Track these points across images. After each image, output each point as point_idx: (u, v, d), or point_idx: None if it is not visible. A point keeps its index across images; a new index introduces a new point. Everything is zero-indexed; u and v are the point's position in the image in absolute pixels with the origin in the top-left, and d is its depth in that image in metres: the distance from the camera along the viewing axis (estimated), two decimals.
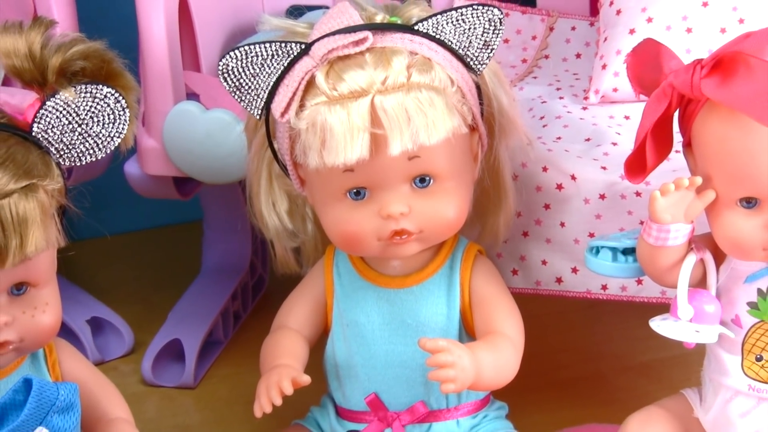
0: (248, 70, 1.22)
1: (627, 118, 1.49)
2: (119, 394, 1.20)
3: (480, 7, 1.21)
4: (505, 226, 1.36)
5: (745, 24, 1.47)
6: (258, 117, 1.25)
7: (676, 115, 1.20)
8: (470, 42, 1.22)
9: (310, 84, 1.18)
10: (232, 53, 1.21)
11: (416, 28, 1.21)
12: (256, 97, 1.23)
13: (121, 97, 1.14)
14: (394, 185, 1.21)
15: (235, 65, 1.22)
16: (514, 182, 1.36)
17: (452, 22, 1.21)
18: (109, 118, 1.14)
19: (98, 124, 1.14)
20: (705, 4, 1.49)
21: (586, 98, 1.54)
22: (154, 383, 1.58)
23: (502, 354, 1.24)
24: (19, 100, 1.20)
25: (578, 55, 1.68)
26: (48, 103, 1.12)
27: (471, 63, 1.23)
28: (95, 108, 1.13)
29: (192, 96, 1.49)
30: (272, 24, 1.29)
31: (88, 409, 1.14)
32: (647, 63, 1.21)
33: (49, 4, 1.55)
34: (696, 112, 1.16)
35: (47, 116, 1.12)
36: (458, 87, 1.21)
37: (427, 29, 1.21)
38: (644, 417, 1.24)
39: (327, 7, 1.38)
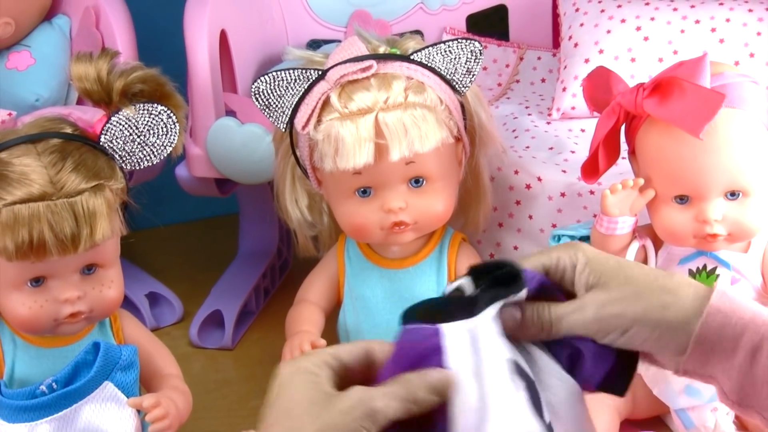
0: (275, 91, 1.21)
1: (583, 131, 1.48)
2: (171, 354, 1.20)
3: (464, 41, 1.21)
4: (484, 218, 1.35)
5: (678, 54, 1.46)
6: (283, 130, 1.24)
7: (623, 128, 1.19)
8: (456, 69, 1.22)
9: (326, 103, 1.18)
10: (262, 78, 1.21)
11: (412, 57, 1.20)
12: (281, 114, 1.22)
13: (172, 114, 1.13)
14: (393, 185, 1.20)
15: (264, 88, 1.21)
16: (491, 183, 1.35)
17: (441, 52, 1.21)
18: (162, 131, 1.13)
19: (154, 136, 1.13)
20: (646, 39, 1.49)
21: (549, 115, 1.53)
22: (200, 345, 1.57)
23: None
24: (90, 116, 1.20)
25: (543, 80, 1.67)
26: (113, 118, 1.11)
27: (456, 86, 1.22)
28: (151, 122, 1.13)
29: (230, 113, 1.48)
30: (295, 54, 1.29)
31: (145, 366, 1.14)
32: (599, 86, 1.21)
33: (114, 38, 1.54)
34: (639, 126, 1.16)
35: (112, 129, 1.11)
36: (446, 105, 1.21)
37: (421, 59, 1.20)
38: None
39: (339, 41, 1.37)
